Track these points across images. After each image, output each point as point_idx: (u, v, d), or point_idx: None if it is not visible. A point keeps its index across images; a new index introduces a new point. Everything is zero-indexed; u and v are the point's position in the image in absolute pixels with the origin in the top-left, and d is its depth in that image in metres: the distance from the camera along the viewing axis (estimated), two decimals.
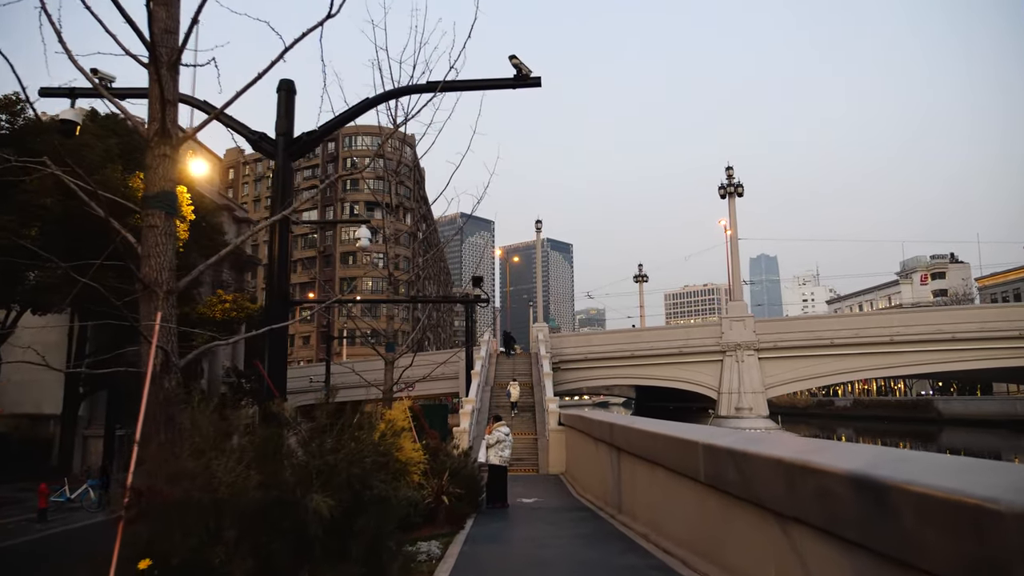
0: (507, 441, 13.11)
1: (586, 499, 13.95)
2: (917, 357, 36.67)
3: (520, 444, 26.07)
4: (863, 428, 72.48)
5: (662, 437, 7.32)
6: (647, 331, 45.62)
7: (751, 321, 39.91)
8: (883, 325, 37.52)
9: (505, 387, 32.51)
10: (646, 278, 68.34)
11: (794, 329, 39.35)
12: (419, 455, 9.89)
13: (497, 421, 13.69)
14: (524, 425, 28.14)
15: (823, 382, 44.19)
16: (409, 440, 9.95)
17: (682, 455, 6.53)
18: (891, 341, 36.83)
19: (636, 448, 8.86)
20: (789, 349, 38.71)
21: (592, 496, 13.70)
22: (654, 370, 41.13)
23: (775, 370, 39.18)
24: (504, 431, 13.26)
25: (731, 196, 41.84)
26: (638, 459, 8.85)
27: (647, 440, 7.90)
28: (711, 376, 39.92)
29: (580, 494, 14.88)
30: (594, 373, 42.13)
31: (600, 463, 12.72)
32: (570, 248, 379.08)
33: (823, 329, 38.70)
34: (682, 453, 6.53)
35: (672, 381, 40.75)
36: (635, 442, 8.81)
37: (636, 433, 8.66)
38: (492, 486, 12.46)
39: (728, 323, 39.82)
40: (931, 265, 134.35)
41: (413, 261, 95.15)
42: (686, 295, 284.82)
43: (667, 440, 7.10)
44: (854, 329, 37.77)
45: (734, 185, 41.74)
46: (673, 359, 40.46)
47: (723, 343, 39.43)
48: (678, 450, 6.65)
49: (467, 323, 34.68)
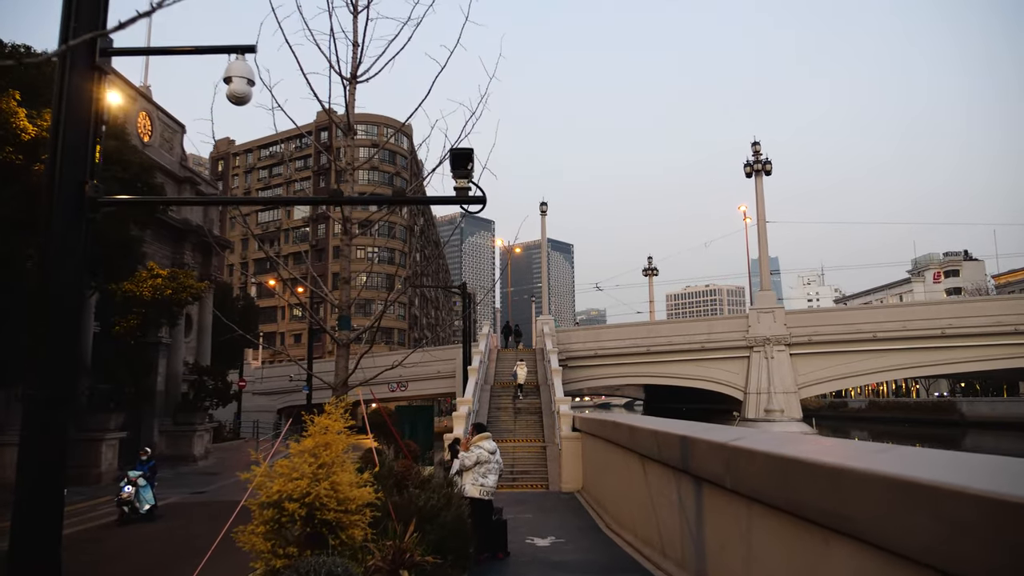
0: (492, 462, 8.83)
1: (625, 540, 9.81)
2: (973, 352, 32.50)
3: (525, 454, 21.89)
4: (882, 431, 68.24)
5: (868, 477, 3.17)
6: (664, 324, 41.53)
7: (781, 313, 35.76)
8: (933, 316, 33.32)
9: (507, 386, 28.37)
10: (656, 271, 64.04)
11: (831, 322, 35.17)
12: (366, 494, 5.75)
13: (479, 432, 9.23)
14: (529, 430, 23.98)
15: (863, 381, 40.06)
16: (352, 469, 5.82)
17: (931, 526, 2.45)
18: (942, 335, 32.67)
19: (763, 490, 4.72)
20: (825, 344, 34.53)
21: (633, 536, 9.56)
22: (672, 367, 36.97)
23: (808, 368, 35.03)
24: (488, 447, 8.95)
25: (758, 175, 37.68)
26: (765, 510, 4.74)
27: (815, 478, 3.73)
28: (736, 374, 35.77)
29: (614, 531, 10.74)
30: (604, 371, 37.97)
31: (651, 492, 8.59)
32: (571, 248, 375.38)
33: (864, 321, 34.52)
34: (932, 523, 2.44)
35: (692, 380, 36.57)
36: (763, 478, 4.67)
37: (770, 461, 4.51)
38: (477, 529, 8.23)
39: (756, 315, 35.65)
40: (944, 262, 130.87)
41: (410, 256, 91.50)
42: (687, 296, 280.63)
43: (882, 482, 2.96)
44: (900, 321, 33.59)
45: (761, 162, 37.59)
46: (694, 355, 36.29)
47: (750, 337, 35.27)
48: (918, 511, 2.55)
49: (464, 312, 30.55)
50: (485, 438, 8.94)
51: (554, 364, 27.06)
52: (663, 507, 8.05)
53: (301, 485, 5.41)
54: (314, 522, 5.44)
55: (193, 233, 29.58)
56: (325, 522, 5.44)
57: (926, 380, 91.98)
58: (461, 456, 8.79)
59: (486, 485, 8.59)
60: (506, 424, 24.44)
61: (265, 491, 5.47)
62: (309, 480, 5.49)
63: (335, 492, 5.53)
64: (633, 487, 9.79)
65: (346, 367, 9.35)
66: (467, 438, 9.00)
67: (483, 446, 8.79)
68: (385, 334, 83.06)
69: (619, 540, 10.05)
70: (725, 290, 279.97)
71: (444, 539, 6.94)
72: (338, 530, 5.53)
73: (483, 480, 8.57)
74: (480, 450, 8.70)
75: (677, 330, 37.97)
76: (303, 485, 5.42)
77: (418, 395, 44.47)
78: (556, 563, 8.32)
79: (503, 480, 20.59)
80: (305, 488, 5.41)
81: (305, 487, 5.41)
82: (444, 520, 6.96)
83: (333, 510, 5.46)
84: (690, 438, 6.52)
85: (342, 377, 9.32)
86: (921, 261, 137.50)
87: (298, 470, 5.53)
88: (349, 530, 5.55)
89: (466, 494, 8.48)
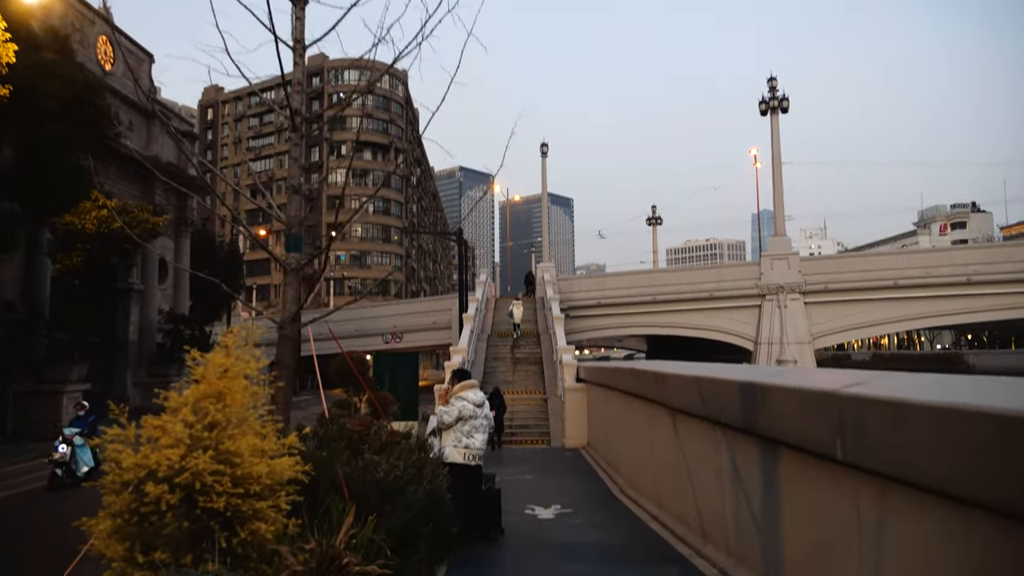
0: (479, 418, 6.76)
1: (647, 511, 7.97)
2: (1000, 300, 30.49)
3: (524, 407, 20.13)
4: None
5: None
6: (671, 272, 39.55)
7: (796, 259, 33.68)
8: (959, 262, 31.22)
9: (505, 335, 26.55)
10: (660, 220, 61.71)
11: (849, 268, 33.07)
12: (283, 467, 3.78)
13: (463, 379, 7.10)
14: (529, 381, 22.21)
15: (882, 330, 38.22)
16: (255, 432, 3.84)
17: None
18: (967, 282, 30.65)
19: (923, 467, 2.74)
20: (842, 292, 32.54)
21: (658, 508, 7.71)
22: (678, 317, 35.07)
23: (823, 317, 33.12)
24: (474, 399, 6.83)
25: (774, 112, 35.08)
26: (915, 497, 2.80)
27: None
28: (747, 324, 33.88)
29: (631, 497, 8.89)
30: (607, 321, 36.08)
31: (685, 456, 6.68)
32: (571, 203, 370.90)
33: (885, 268, 32.43)
34: None
35: (700, 330, 34.70)
36: (927, 450, 2.70)
37: (953, 422, 2.53)
38: (464, 502, 6.26)
39: (769, 262, 33.58)
40: (952, 214, 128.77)
41: (406, 207, 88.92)
42: (688, 250, 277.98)
43: None
44: (923, 267, 31.51)
45: (778, 99, 34.98)
46: (702, 305, 34.34)
47: (762, 285, 33.26)
48: None
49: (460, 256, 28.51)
50: (470, 387, 6.91)
51: (555, 311, 25.16)
52: (704, 476, 6.13)
53: (171, 457, 3.44)
54: (195, 512, 3.49)
55: (164, 173, 27.26)
56: (212, 511, 3.48)
57: (930, 332, 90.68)
58: (439, 411, 6.77)
59: (472, 447, 6.62)
60: (504, 375, 22.67)
61: (121, 470, 3.50)
62: (186, 449, 3.52)
63: (229, 466, 3.56)
64: (657, 448, 7.88)
65: (297, 298, 7.32)
66: (446, 388, 7.01)
67: (467, 397, 6.77)
68: (381, 285, 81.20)
69: (639, 511, 8.20)
70: (726, 244, 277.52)
71: (412, 524, 5.01)
72: (235, 523, 3.57)
73: (468, 440, 6.57)
74: (463, 403, 6.70)
75: (685, 278, 35.94)
76: (174, 457, 3.44)
77: (414, 347, 42.75)
78: (564, 546, 6.43)
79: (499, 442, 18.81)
80: (177, 461, 3.44)
81: (177, 460, 3.44)
82: (412, 498, 5.01)
83: (226, 493, 3.50)
84: (760, 385, 4.53)
85: (292, 310, 7.31)
86: (927, 213, 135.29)
87: (170, 434, 3.56)
88: (252, 523, 3.59)
89: (446, 459, 6.52)
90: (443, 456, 6.54)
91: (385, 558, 4.54)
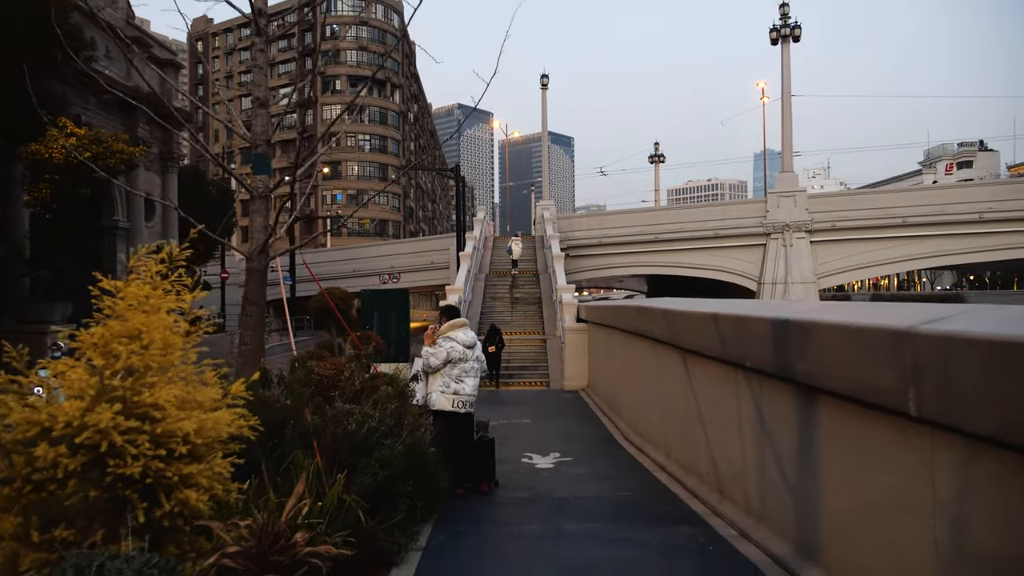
0: (469, 360, 6.06)
1: (654, 460, 7.38)
2: (1014, 239, 29.63)
3: (522, 348, 19.56)
4: None
5: None
6: (674, 210, 38.57)
7: (803, 197, 32.65)
8: (971, 199, 30.19)
9: (504, 274, 25.83)
10: (663, 158, 60.21)
11: (858, 206, 32.05)
12: (219, 421, 3.08)
13: (452, 317, 6.34)
14: (528, 322, 21.60)
15: (890, 270, 37.42)
16: (208, 378, 3.13)
17: None
18: (980, 219, 29.71)
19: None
20: (850, 231, 31.63)
21: (665, 457, 7.11)
22: (681, 256, 34.26)
23: (829, 256, 32.33)
24: (464, 339, 6.13)
25: (784, 41, 33.44)
26: (1008, 462, 2.11)
27: None
28: (751, 263, 33.12)
29: (635, 444, 8.31)
30: (608, 261, 35.29)
31: (698, 402, 6.02)
32: (571, 142, 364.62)
33: (895, 205, 31.40)
34: None
35: (703, 269, 33.93)
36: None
37: None
38: (453, 453, 5.66)
39: (775, 199, 32.55)
40: (958, 153, 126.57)
41: (403, 144, 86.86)
42: (689, 190, 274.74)
43: None
44: (935, 205, 30.50)
45: (789, 26, 33.27)
46: (705, 243, 33.48)
47: (768, 224, 32.34)
48: None
49: (457, 190, 27.50)
50: (459, 327, 6.19)
51: (555, 250, 24.36)
52: (721, 426, 5.47)
53: (69, 411, 2.72)
54: (106, 479, 2.79)
55: (147, 102, 25.91)
56: (127, 479, 2.79)
57: (931, 273, 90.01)
58: (424, 353, 6.03)
59: (461, 393, 5.92)
60: (502, 315, 22.04)
61: (7, 428, 2.79)
62: (90, 401, 2.80)
63: (148, 422, 2.84)
64: (666, 392, 7.23)
65: (265, 226, 6.54)
66: (433, 327, 6.28)
67: (456, 338, 6.04)
68: (379, 226, 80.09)
69: (644, 459, 7.60)
70: (727, 184, 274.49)
71: (389, 481, 4.35)
72: (159, 491, 2.88)
73: (456, 386, 5.90)
74: (451, 344, 5.98)
75: (688, 216, 34.94)
76: (73, 411, 2.72)
77: (411, 287, 42.18)
78: (565, 501, 5.82)
79: (498, 377, 18.27)
80: (77, 416, 2.72)
81: (77, 415, 2.72)
82: (390, 452, 4.34)
83: (143, 455, 2.79)
84: (801, 322, 3.79)
85: (259, 240, 6.53)
86: (934, 152, 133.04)
87: (71, 382, 2.83)
88: (180, 491, 2.91)
89: (433, 406, 5.84)
90: (430, 403, 5.85)
91: (356, 522, 3.90)
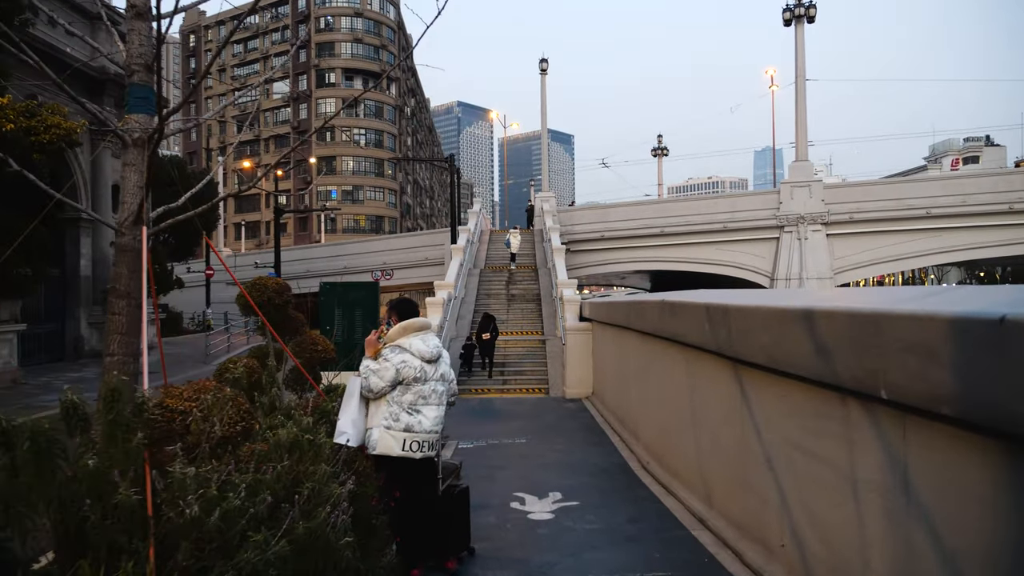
0: (430, 382, 3.98)
1: (684, 503, 5.52)
2: None
3: (519, 349, 17.67)
4: None
5: None
6: (680, 202, 36.56)
7: (819, 187, 30.71)
8: (1001, 189, 28.25)
9: (500, 269, 23.93)
10: (666, 151, 58.29)
11: (878, 196, 30.09)
12: None
13: (406, 316, 4.19)
14: (525, 321, 19.70)
15: (909, 265, 35.50)
16: None
17: None
18: (1009, 210, 27.81)
19: None
20: (869, 223, 29.70)
21: (703, 505, 5.24)
22: (688, 251, 32.36)
23: (846, 250, 30.44)
24: (423, 351, 4.02)
25: (798, 21, 31.52)
26: None
27: None
28: (763, 259, 31.22)
29: (654, 475, 6.44)
30: (611, 256, 33.40)
31: (763, 442, 4.16)
32: (571, 139, 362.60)
33: (916, 196, 29.48)
34: None
35: (712, 265, 32.03)
36: None
37: None
38: (404, 516, 3.76)
39: (788, 189, 30.62)
40: (964, 148, 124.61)
41: (400, 139, 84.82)
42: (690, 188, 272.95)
43: None
44: (959, 195, 28.57)
45: (804, 6, 31.35)
46: (714, 237, 31.57)
47: (781, 216, 30.43)
48: None
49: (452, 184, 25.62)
50: (415, 331, 4.08)
51: (556, 243, 22.47)
52: (808, 479, 3.58)
53: None
54: None
55: (114, 84, 23.96)
56: None
57: (938, 270, 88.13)
58: (364, 369, 3.95)
59: (416, 429, 3.87)
60: (498, 313, 20.10)
61: None
62: None
63: None
64: (707, 418, 5.33)
65: (140, 184, 4.66)
66: (379, 331, 4.26)
67: (411, 348, 4.00)
68: (375, 223, 78.14)
69: (675, 506, 5.69)
70: (728, 182, 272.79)
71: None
72: None
73: (409, 419, 3.86)
74: (404, 356, 3.96)
75: (695, 208, 32.98)
76: None
77: (405, 284, 40.33)
78: None
79: (492, 383, 16.28)
80: None
81: None
82: (260, 556, 2.44)
83: None
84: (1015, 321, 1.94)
85: (132, 207, 4.65)
86: (939, 147, 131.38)
87: None
88: None
89: (373, 449, 3.88)
90: (369, 444, 3.90)
91: None
